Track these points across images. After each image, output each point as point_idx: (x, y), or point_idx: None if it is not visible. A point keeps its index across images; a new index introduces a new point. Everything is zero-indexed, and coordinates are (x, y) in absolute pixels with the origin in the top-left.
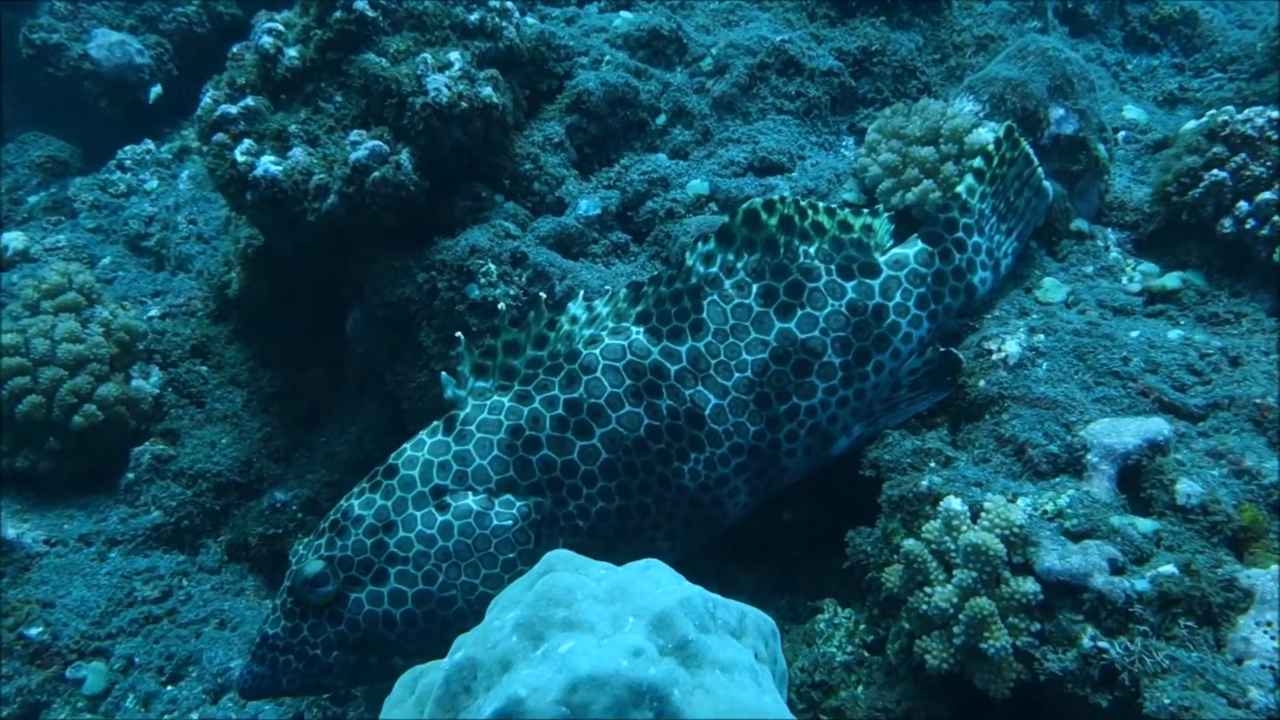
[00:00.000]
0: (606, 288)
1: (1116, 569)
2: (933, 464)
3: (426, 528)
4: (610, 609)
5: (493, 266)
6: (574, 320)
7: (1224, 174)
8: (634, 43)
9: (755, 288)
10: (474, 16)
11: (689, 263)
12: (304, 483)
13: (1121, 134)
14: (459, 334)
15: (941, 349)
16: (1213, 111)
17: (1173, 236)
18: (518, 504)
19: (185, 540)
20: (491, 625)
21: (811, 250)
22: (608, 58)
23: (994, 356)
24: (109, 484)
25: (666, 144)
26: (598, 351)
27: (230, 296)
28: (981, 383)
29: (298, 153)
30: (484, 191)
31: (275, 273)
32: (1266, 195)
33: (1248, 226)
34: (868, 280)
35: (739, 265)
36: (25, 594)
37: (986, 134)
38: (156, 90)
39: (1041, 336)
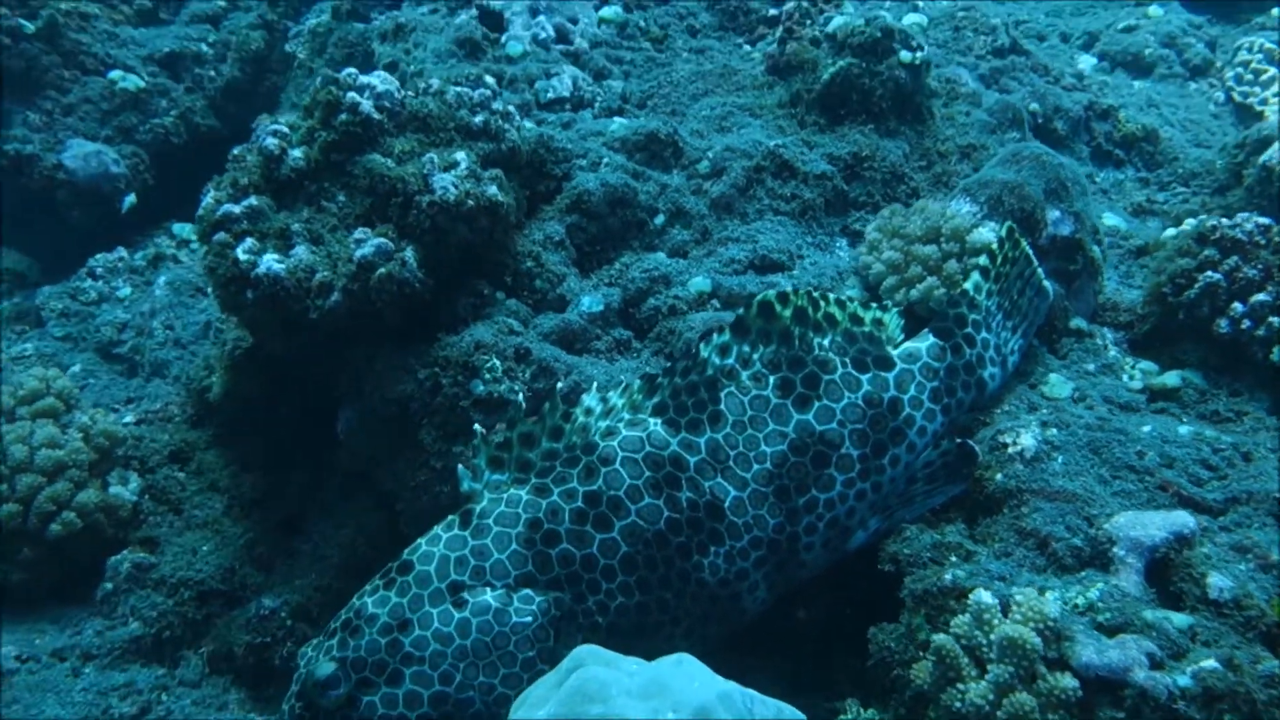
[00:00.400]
0: (619, 379)
1: (1155, 664)
2: (953, 558)
3: (443, 625)
4: (647, 704)
5: (497, 362)
6: (589, 412)
7: (1218, 275)
8: (631, 146)
9: (772, 379)
10: (478, 119)
11: (703, 354)
12: (293, 588)
13: (1105, 240)
14: (477, 425)
15: (958, 440)
16: (1202, 216)
17: (1167, 336)
18: (537, 599)
19: (165, 652)
20: None
21: (825, 342)
22: (606, 160)
23: (1009, 450)
24: (83, 595)
25: (665, 243)
26: (615, 443)
27: (210, 400)
28: (999, 476)
29: (301, 250)
30: (486, 289)
31: (262, 375)
32: (1260, 297)
33: (1243, 327)
34: (882, 373)
35: (755, 357)
36: None
37: (988, 233)
38: (130, 199)
39: (1054, 431)
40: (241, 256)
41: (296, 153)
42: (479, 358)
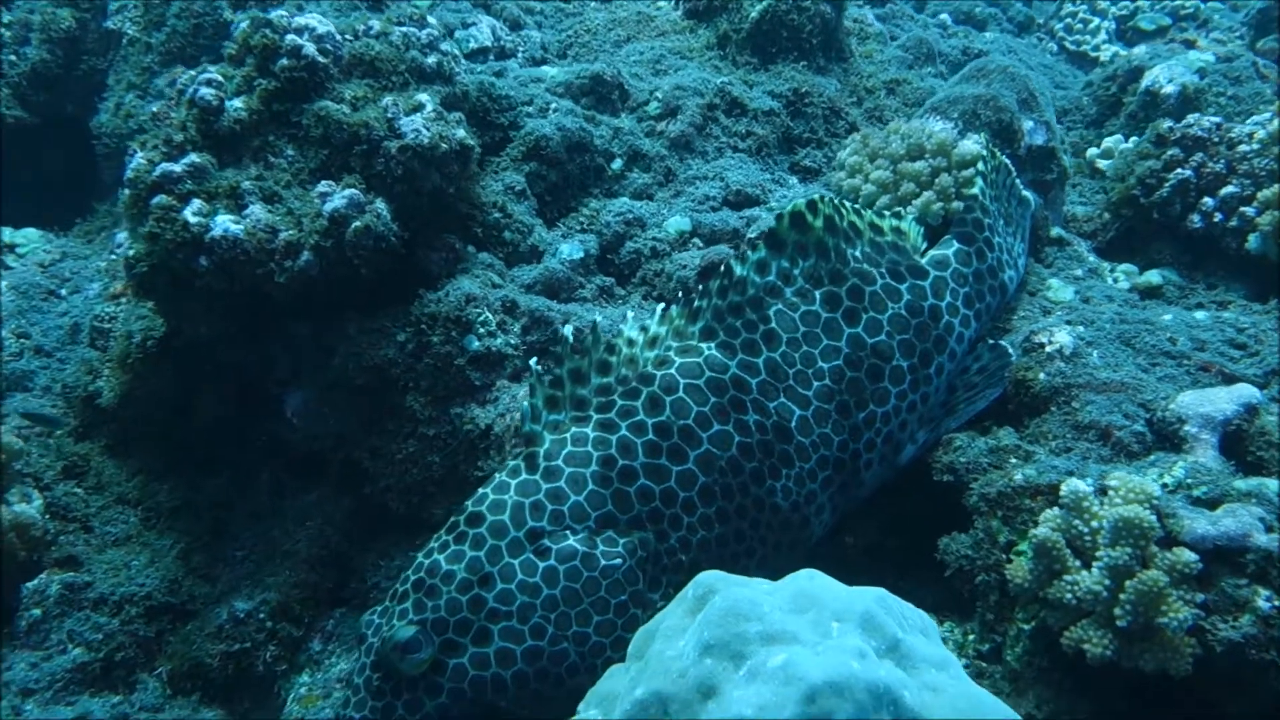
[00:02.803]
0: (644, 313)
1: (1268, 528)
2: (1013, 460)
3: (528, 576)
4: (804, 617)
5: (490, 315)
6: (631, 343)
7: (1188, 172)
8: (576, 90)
9: (818, 294)
10: (430, 60)
11: (741, 273)
12: (265, 587)
13: None
14: (534, 361)
15: (990, 343)
16: (1154, 123)
17: (1137, 240)
18: (622, 541)
19: (117, 677)
20: (664, 656)
21: (858, 253)
22: (554, 105)
23: (1048, 349)
24: None
25: (626, 188)
26: (674, 371)
27: (102, 406)
28: (1041, 375)
29: (257, 209)
30: (457, 243)
31: (175, 368)
32: (1229, 189)
33: (1215, 220)
34: (919, 282)
35: (795, 272)
36: None
37: (974, 145)
38: None
39: (1082, 328)
40: (191, 219)
41: (236, 103)
42: (471, 311)
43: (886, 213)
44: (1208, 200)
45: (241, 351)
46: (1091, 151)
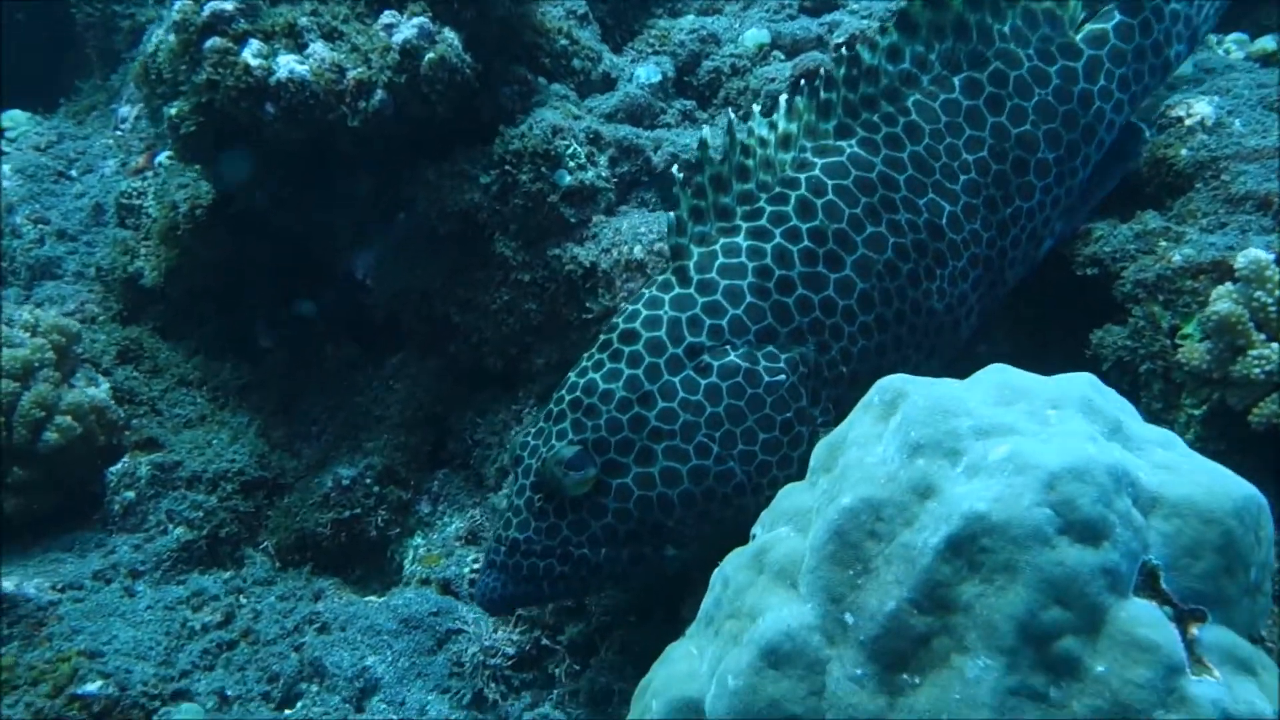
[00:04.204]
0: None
1: None
2: (1163, 243)
3: (690, 394)
4: (1015, 409)
5: (578, 148)
6: (764, 143)
7: None
8: None
9: (956, 81)
10: None
11: (870, 61)
12: (366, 452)
13: None
14: (675, 169)
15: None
16: None
17: (1238, 7)
18: (783, 356)
19: (224, 553)
20: (864, 463)
21: (1006, 30)
22: None
23: (1188, 122)
24: (85, 518)
25: (690, 4)
26: (818, 173)
27: (145, 286)
28: (1183, 151)
29: (319, 47)
30: (528, 74)
31: (228, 237)
32: None
33: None
34: (1070, 63)
35: (931, 57)
36: (58, 650)
37: None
38: None
39: (1216, 98)
40: (253, 62)
41: None
42: (559, 143)
43: None
44: None
45: (300, 215)
46: None
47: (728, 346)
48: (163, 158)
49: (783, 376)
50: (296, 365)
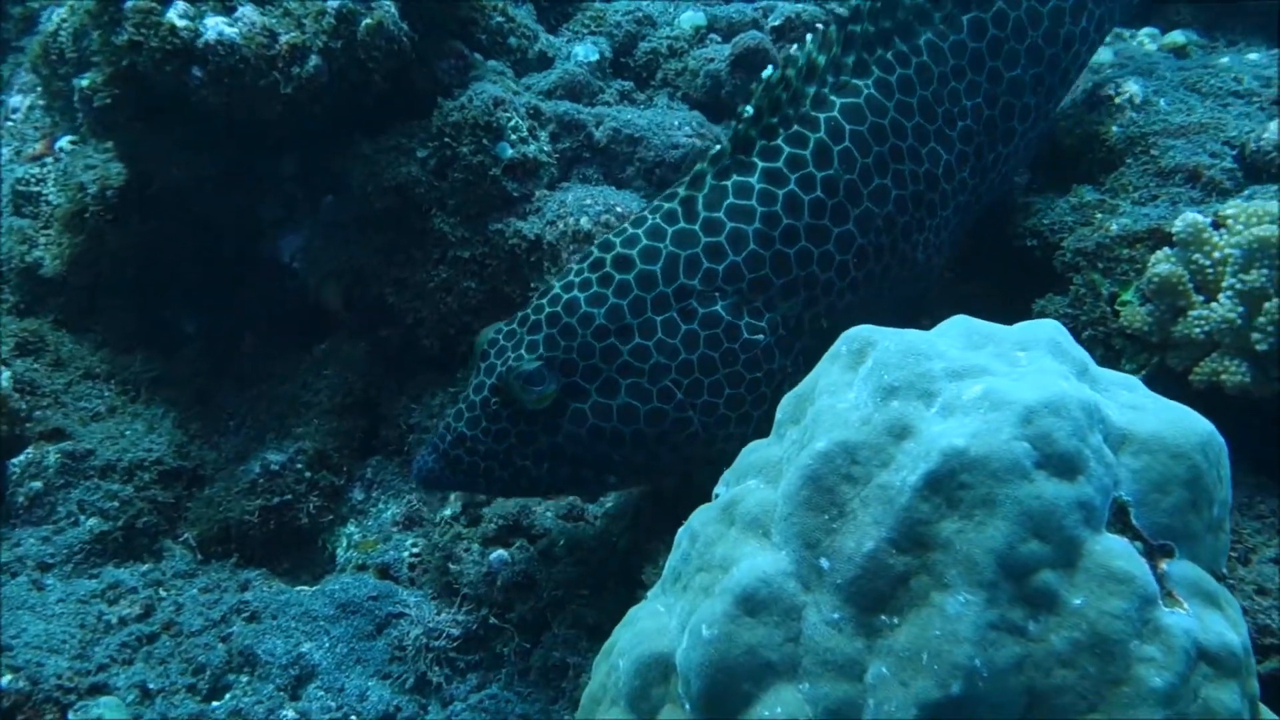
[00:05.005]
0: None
1: None
2: (1099, 215)
3: (668, 336)
4: (984, 352)
5: (520, 121)
6: (800, 73)
7: None
8: None
9: (965, 20)
10: None
11: None
12: (296, 437)
13: None
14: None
15: None
16: None
17: (1151, 2)
18: (767, 316)
19: (141, 546)
20: (836, 409)
21: None
22: None
23: (1117, 100)
24: None
25: None
26: (836, 114)
27: (45, 276)
28: (1114, 128)
29: (248, 10)
30: (464, 49)
31: (140, 222)
32: None
33: None
34: (1060, 3)
35: None
36: None
37: None
38: None
39: (1141, 78)
40: (179, 22)
41: None
42: (500, 115)
43: None
44: None
45: (220, 198)
46: None
47: (717, 294)
48: (64, 142)
49: (761, 336)
50: (212, 356)
